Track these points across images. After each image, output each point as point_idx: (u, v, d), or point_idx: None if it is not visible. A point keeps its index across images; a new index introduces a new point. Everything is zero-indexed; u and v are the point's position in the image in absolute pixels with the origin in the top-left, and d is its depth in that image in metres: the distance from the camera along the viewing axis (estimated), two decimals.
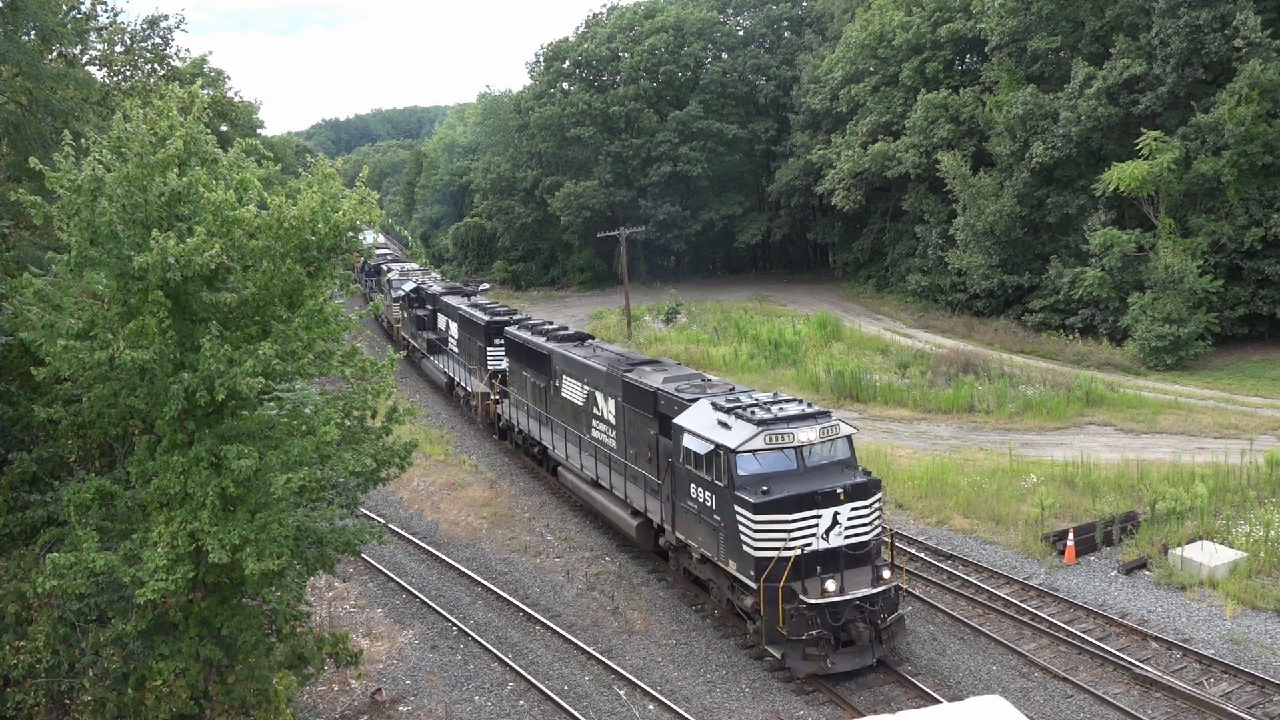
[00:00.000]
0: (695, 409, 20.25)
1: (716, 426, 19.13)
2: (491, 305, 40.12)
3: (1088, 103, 46.39)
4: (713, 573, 20.17)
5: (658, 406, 22.01)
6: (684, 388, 21.82)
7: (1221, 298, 43.57)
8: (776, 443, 18.41)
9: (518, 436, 33.09)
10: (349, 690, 19.26)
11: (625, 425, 23.95)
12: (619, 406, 24.19)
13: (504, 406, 33.93)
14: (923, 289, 60.59)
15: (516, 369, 32.22)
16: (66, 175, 12.21)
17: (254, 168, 14.05)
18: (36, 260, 15.60)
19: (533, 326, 32.46)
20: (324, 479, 13.26)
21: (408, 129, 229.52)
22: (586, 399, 26.25)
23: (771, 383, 42.33)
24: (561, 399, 28.06)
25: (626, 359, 25.54)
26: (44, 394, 14.28)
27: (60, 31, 19.17)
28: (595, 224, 76.66)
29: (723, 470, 18.45)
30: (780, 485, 18.04)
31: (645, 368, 24.30)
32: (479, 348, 36.75)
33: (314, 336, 13.34)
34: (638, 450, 23.30)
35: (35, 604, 13.46)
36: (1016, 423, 35.50)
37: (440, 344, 44.31)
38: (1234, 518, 24.35)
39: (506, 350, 33.29)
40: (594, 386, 25.68)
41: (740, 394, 20.85)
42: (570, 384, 27.34)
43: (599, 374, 25.26)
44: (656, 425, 21.99)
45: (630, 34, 79.99)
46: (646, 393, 22.59)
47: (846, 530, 18.14)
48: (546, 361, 28.93)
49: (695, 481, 19.60)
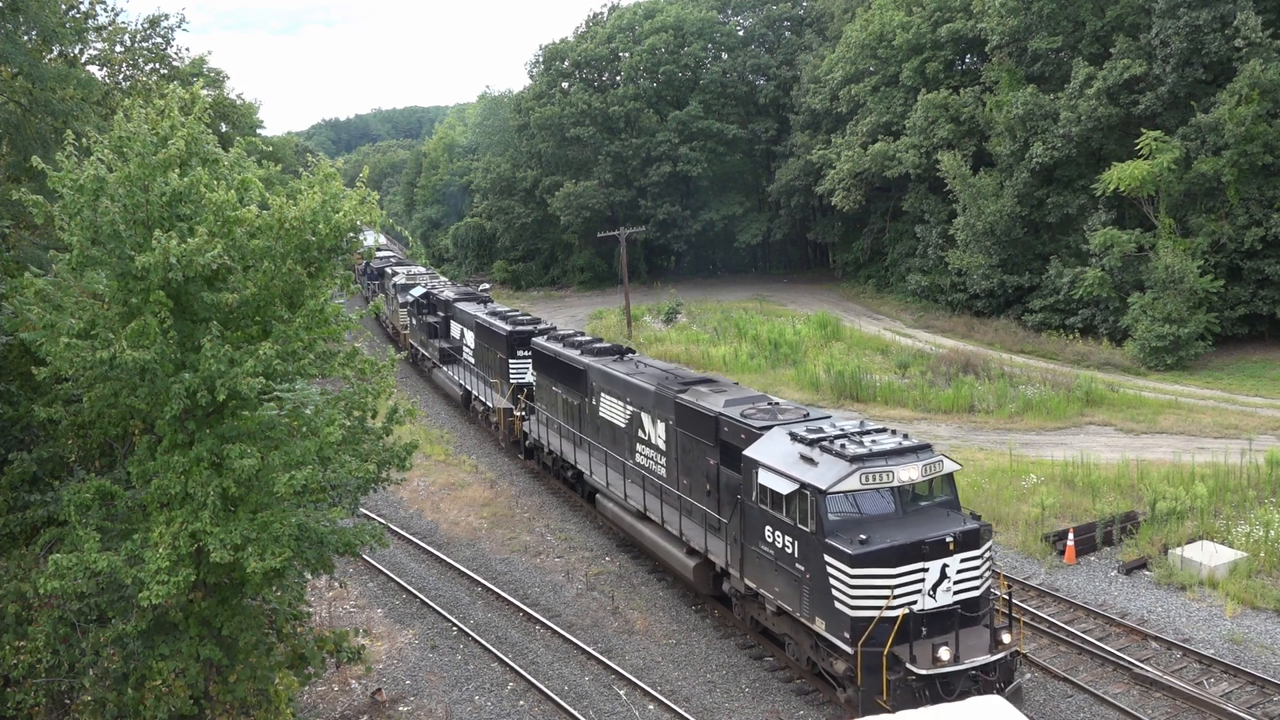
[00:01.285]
0: (770, 440, 18.01)
1: (799, 462, 16.85)
2: (512, 313, 37.50)
3: (1088, 103, 46.39)
4: (790, 627, 17.87)
5: (720, 434, 19.79)
6: (751, 413, 19.50)
7: (1221, 298, 43.58)
8: (874, 482, 16.14)
9: (547, 457, 30.69)
10: (349, 690, 19.27)
11: (678, 452, 21.77)
12: (671, 431, 22.01)
13: (530, 424, 31.60)
14: (923, 289, 60.61)
15: (545, 384, 30.01)
16: (69, 175, 12.22)
17: (255, 168, 14.05)
18: (37, 260, 15.60)
19: (563, 338, 30.22)
20: (326, 480, 13.26)
21: (408, 129, 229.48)
22: (630, 420, 24.15)
23: (771, 383, 42.35)
24: (599, 419, 25.92)
25: (676, 377, 23.44)
26: (44, 394, 14.27)
27: (60, 32, 19.16)
28: (595, 224, 76.67)
29: (809, 514, 16.23)
30: (879, 532, 15.77)
31: (700, 388, 22.08)
32: (500, 360, 34.41)
33: (314, 337, 13.34)
34: (693, 481, 21.15)
35: (35, 604, 13.46)
36: (1016, 423, 35.52)
37: (454, 353, 41.80)
38: (1234, 518, 24.36)
39: (534, 363, 31.17)
40: (639, 407, 23.61)
41: (820, 421, 18.55)
42: (610, 403, 25.25)
43: (645, 393, 23.17)
44: (718, 455, 19.86)
45: (630, 34, 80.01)
46: (706, 418, 20.29)
47: (956, 585, 15.87)
48: (581, 377, 26.89)
49: (772, 524, 17.32)
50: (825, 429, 17.77)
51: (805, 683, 18.46)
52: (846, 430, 17.65)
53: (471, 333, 38.47)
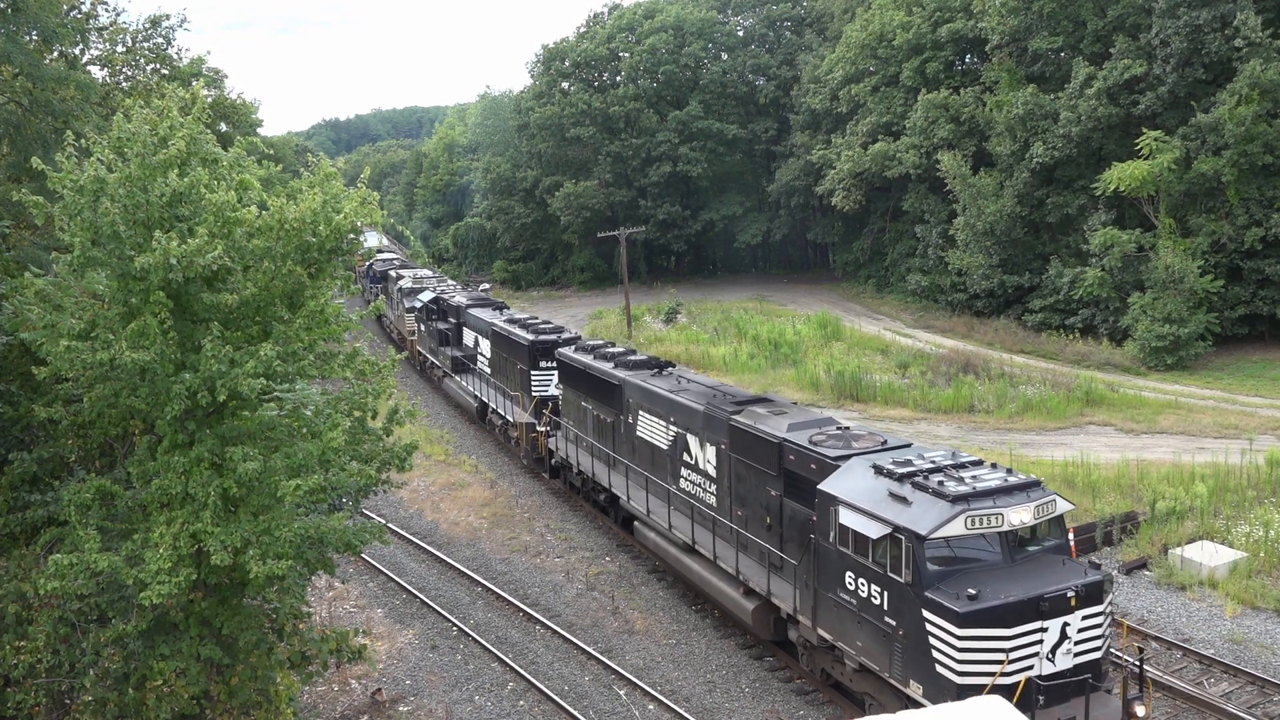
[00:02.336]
0: (849, 472, 16.15)
1: (889, 501, 14.94)
2: (532, 320, 35.23)
3: (1088, 103, 46.40)
4: (873, 687, 15.82)
5: (784, 462, 17.95)
6: (821, 439, 17.59)
7: (1221, 298, 43.61)
8: (980, 526, 14.10)
9: (575, 478, 28.50)
10: (349, 690, 19.27)
11: (732, 480, 19.91)
12: (723, 456, 20.14)
13: (556, 441, 29.47)
14: (923, 289, 60.62)
15: (573, 398, 27.99)
16: (69, 175, 12.23)
17: (255, 168, 14.05)
18: (37, 260, 15.61)
19: (593, 349, 27.97)
20: (327, 482, 13.27)
21: (408, 129, 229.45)
22: (674, 442, 22.32)
23: (771, 383, 42.36)
24: (636, 439, 24.06)
25: (727, 395, 21.48)
26: (44, 394, 14.28)
27: (61, 32, 19.17)
28: (595, 224, 76.69)
29: (904, 562, 14.31)
30: (988, 585, 13.81)
31: (757, 408, 20.05)
32: (521, 371, 32.17)
33: (315, 338, 13.34)
34: (750, 513, 19.33)
35: (35, 604, 13.46)
36: (1016, 423, 35.52)
37: (467, 363, 39.40)
38: (1234, 518, 24.37)
39: (560, 376, 29.14)
40: (684, 428, 21.77)
41: (902, 451, 16.81)
42: (649, 422, 23.45)
43: (693, 413, 21.33)
44: (781, 485, 18.07)
45: (630, 34, 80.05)
46: (767, 443, 18.39)
47: (1077, 646, 13.94)
48: (616, 393, 24.97)
49: (855, 570, 15.40)
50: (914, 461, 15.77)
51: (805, 683, 18.47)
52: (939, 462, 15.64)
53: (487, 341, 36.46)
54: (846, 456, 16.62)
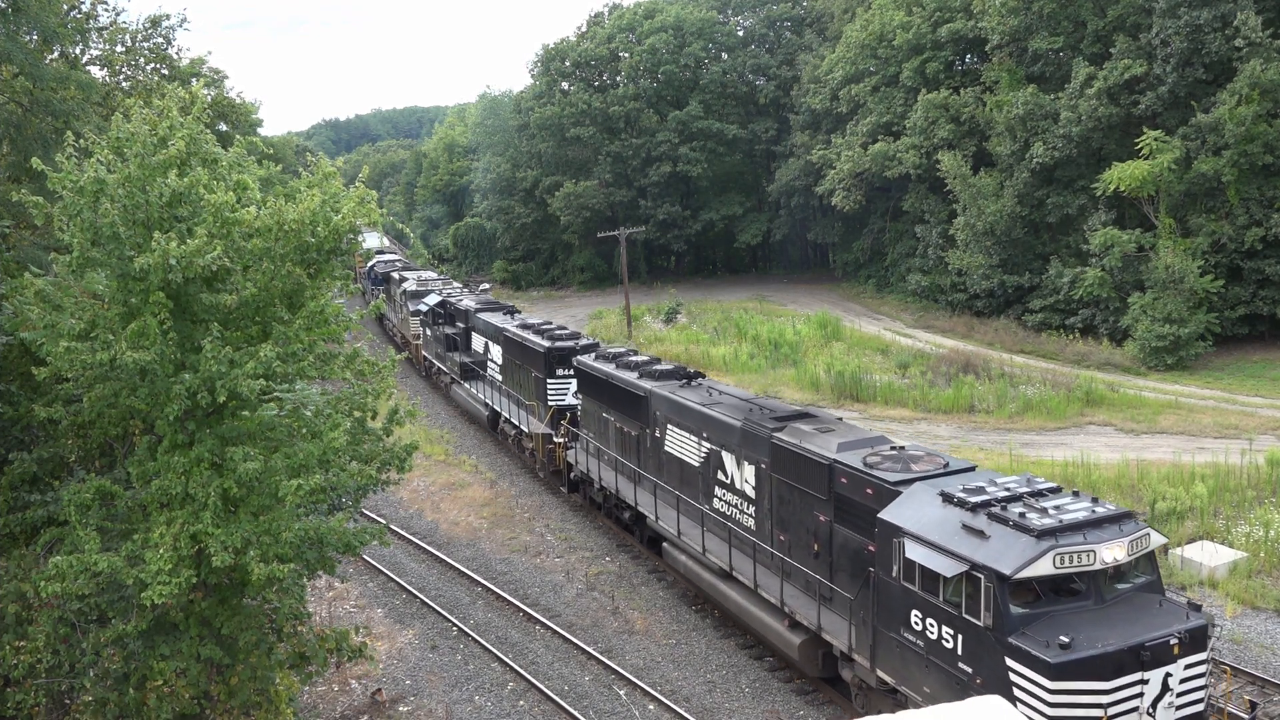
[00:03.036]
0: (913, 500, 14.77)
1: (963, 534, 13.53)
2: (546, 325, 33.60)
3: (1088, 103, 46.40)
4: None
5: (834, 485, 16.50)
6: (876, 460, 16.15)
7: (1222, 298, 43.60)
8: (1071, 564, 12.70)
9: (597, 493, 27.11)
10: (349, 690, 19.28)
11: (773, 502, 18.49)
12: (763, 476, 18.73)
13: (575, 453, 28.11)
14: (923, 289, 60.63)
15: (594, 410, 26.61)
16: (69, 176, 12.23)
17: (255, 168, 14.05)
18: (37, 260, 15.62)
19: (615, 357, 26.68)
20: (327, 482, 13.27)
21: (408, 129, 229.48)
22: (706, 459, 20.95)
23: (771, 383, 42.37)
24: (664, 454, 22.75)
25: (765, 409, 19.97)
26: (44, 394, 14.29)
27: (61, 32, 19.19)
28: (595, 224, 76.70)
29: (983, 603, 12.87)
30: (1080, 631, 12.41)
31: (800, 425, 18.47)
32: (537, 379, 30.79)
33: (315, 338, 13.34)
34: (794, 538, 17.91)
35: (35, 604, 13.47)
36: (1016, 423, 35.53)
37: (476, 369, 37.90)
38: (1234, 518, 24.38)
39: (579, 385, 27.88)
40: (718, 444, 20.38)
41: (970, 476, 15.46)
42: (679, 436, 22.10)
43: (728, 429, 19.94)
44: (831, 510, 16.61)
45: (631, 34, 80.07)
46: (815, 465, 16.93)
47: (1179, 699, 12.64)
48: (641, 405, 23.64)
49: (923, 609, 14.00)
50: (986, 488, 14.41)
51: (805, 683, 18.47)
52: (1015, 490, 14.27)
53: (498, 347, 35.11)
54: (908, 481, 15.21)
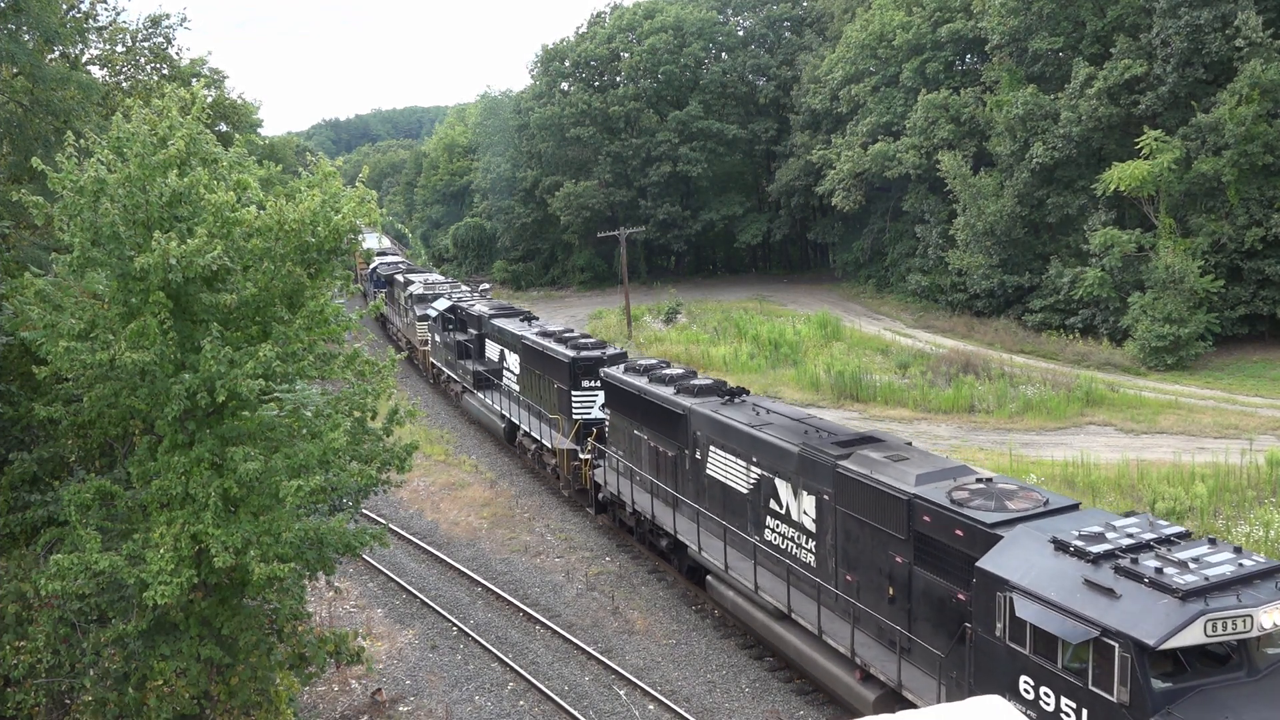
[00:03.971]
0: (1017, 546, 12.84)
1: (1086, 591, 11.63)
2: (568, 333, 31.82)
3: (1088, 103, 46.41)
4: None
5: (914, 523, 14.75)
6: (964, 496, 14.32)
7: (1222, 298, 43.60)
8: (1224, 632, 10.73)
9: (629, 517, 25.08)
10: (349, 690, 19.28)
11: (838, 538, 16.73)
12: (826, 509, 17.00)
13: (604, 472, 26.23)
14: (923, 289, 60.64)
15: (624, 426, 24.87)
16: (69, 176, 12.23)
17: (255, 168, 14.05)
18: (37, 260, 15.61)
19: (647, 369, 24.83)
20: (328, 483, 13.27)
21: (408, 129, 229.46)
22: (756, 486, 19.24)
23: (771, 383, 42.36)
24: (706, 478, 21.05)
25: (823, 432, 18.26)
26: (44, 394, 14.29)
27: (61, 32, 19.18)
28: (595, 224, 76.73)
29: (1118, 676, 11.05)
30: (1236, 710, 10.68)
31: (868, 451, 16.65)
32: (560, 391, 28.98)
33: (315, 338, 13.34)
34: (864, 579, 16.16)
35: (35, 604, 13.47)
36: (1016, 423, 35.53)
37: (491, 378, 35.93)
38: (1234, 518, 24.39)
39: (607, 398, 26.11)
40: (771, 470, 18.69)
41: (1084, 518, 13.50)
42: (723, 460, 20.39)
43: (783, 454, 18.21)
44: (911, 551, 14.87)
45: (630, 34, 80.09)
46: (891, 499, 15.16)
47: None
48: (679, 424, 21.94)
49: (1035, 675, 12.18)
50: (1104, 533, 12.50)
51: (805, 683, 18.47)
52: (1138, 535, 12.39)
53: (515, 355, 33.33)
54: (1007, 522, 13.47)
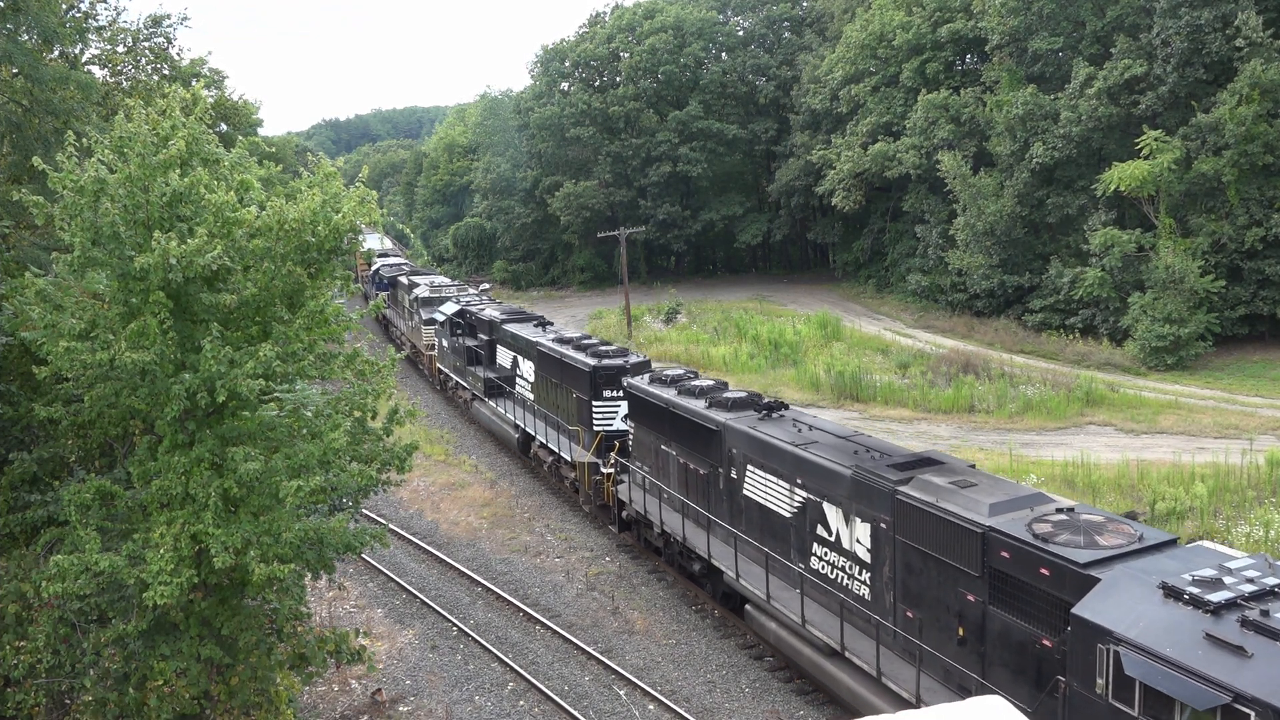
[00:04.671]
0: (1119, 591, 11.55)
1: (1208, 647, 10.38)
2: (587, 340, 30.30)
3: (1088, 103, 46.41)
4: None
5: (989, 558, 13.34)
6: (1049, 530, 12.83)
7: (1222, 298, 43.59)
8: None
9: (656, 537, 23.58)
10: (349, 690, 19.28)
11: (897, 570, 15.39)
12: (883, 538, 15.59)
13: (628, 488, 24.89)
14: (923, 289, 60.64)
15: (650, 441, 23.44)
16: (70, 175, 12.23)
17: (255, 168, 14.05)
18: (37, 260, 15.61)
19: (675, 380, 23.41)
20: (328, 483, 13.27)
21: (408, 129, 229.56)
22: (801, 510, 17.80)
23: (771, 383, 42.36)
24: (743, 499, 19.60)
25: (876, 452, 16.92)
26: (44, 394, 14.29)
27: (61, 32, 19.17)
28: (595, 224, 76.73)
29: None
30: None
31: (930, 476, 15.10)
32: (579, 401, 27.56)
33: (315, 338, 13.35)
34: (928, 617, 14.74)
35: (35, 604, 13.47)
36: (1016, 423, 35.52)
37: (503, 385, 34.49)
38: (1234, 518, 24.38)
39: (631, 410, 24.83)
40: (817, 493, 17.28)
41: (1190, 555, 12.13)
42: (763, 480, 18.93)
43: (832, 477, 16.83)
44: (985, 589, 13.48)
45: (630, 34, 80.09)
46: (963, 532, 13.73)
47: None
48: (713, 440, 20.47)
49: None
50: (1221, 577, 11.10)
51: (805, 682, 18.47)
52: (1260, 580, 11.09)
53: (529, 363, 31.88)
54: (1103, 562, 12.02)
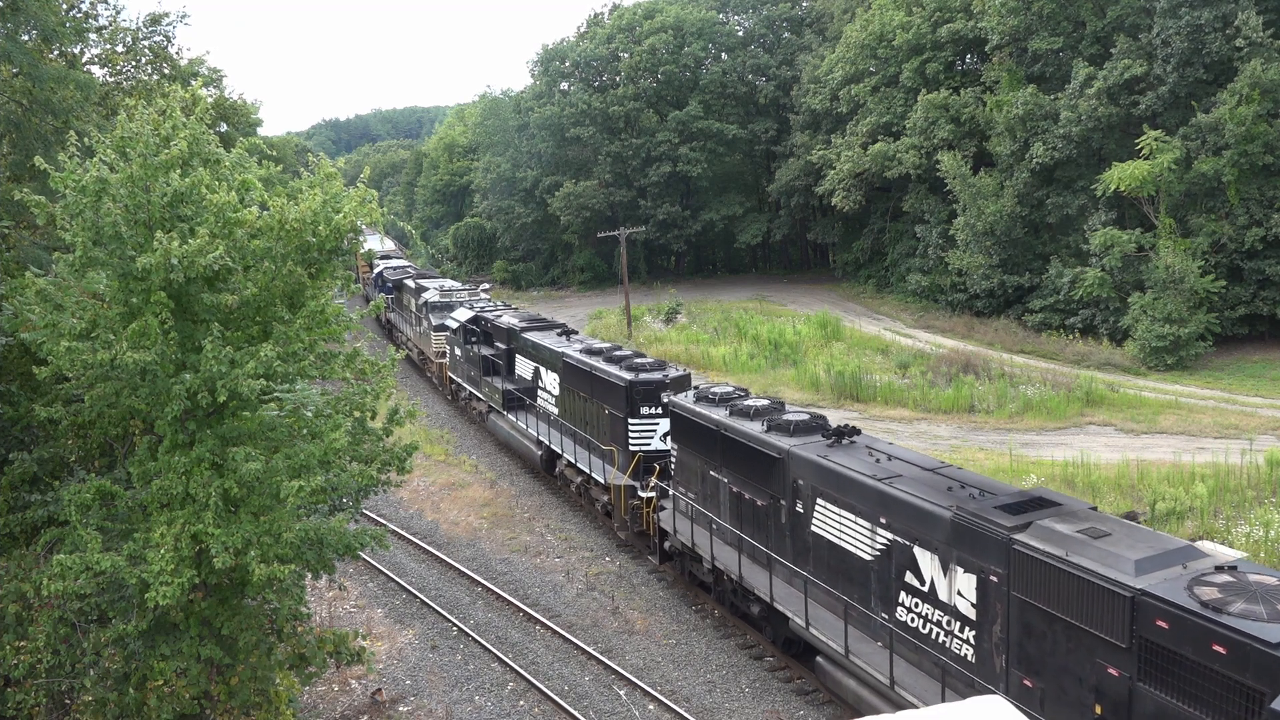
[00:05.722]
0: None
1: None
2: (619, 352, 27.62)
3: (1088, 103, 46.41)
4: None
5: (1140, 627, 11.50)
6: (1217, 595, 11.13)
7: (1222, 298, 43.61)
8: None
9: (705, 572, 21.30)
10: (349, 690, 19.28)
11: (1011, 630, 13.36)
12: (994, 592, 13.48)
13: (671, 515, 22.51)
14: (923, 289, 60.64)
15: (697, 465, 21.10)
16: (71, 175, 12.23)
17: (256, 168, 14.05)
18: (38, 260, 15.61)
19: (727, 400, 20.95)
20: (328, 483, 13.27)
21: (408, 129, 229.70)
22: (885, 554, 15.58)
23: (771, 383, 42.36)
24: (810, 535, 17.34)
25: (972, 488, 14.83)
26: (44, 394, 14.29)
27: (61, 32, 19.16)
28: (595, 224, 76.75)
29: None
30: None
31: (1050, 522, 13.02)
32: (613, 418, 25.28)
33: (315, 338, 13.34)
34: (1050, 687, 12.88)
35: (36, 604, 13.46)
36: (1017, 423, 35.52)
37: (524, 397, 32.23)
38: (1234, 518, 24.39)
39: (675, 431, 22.33)
40: (907, 536, 15.06)
41: None
42: (836, 516, 16.69)
43: (925, 518, 14.66)
44: (1133, 664, 11.62)
45: (630, 34, 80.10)
46: (1104, 594, 11.88)
47: None
48: (776, 469, 18.15)
49: None
50: None
51: (805, 682, 18.47)
52: None
53: (553, 375, 29.74)
54: None
